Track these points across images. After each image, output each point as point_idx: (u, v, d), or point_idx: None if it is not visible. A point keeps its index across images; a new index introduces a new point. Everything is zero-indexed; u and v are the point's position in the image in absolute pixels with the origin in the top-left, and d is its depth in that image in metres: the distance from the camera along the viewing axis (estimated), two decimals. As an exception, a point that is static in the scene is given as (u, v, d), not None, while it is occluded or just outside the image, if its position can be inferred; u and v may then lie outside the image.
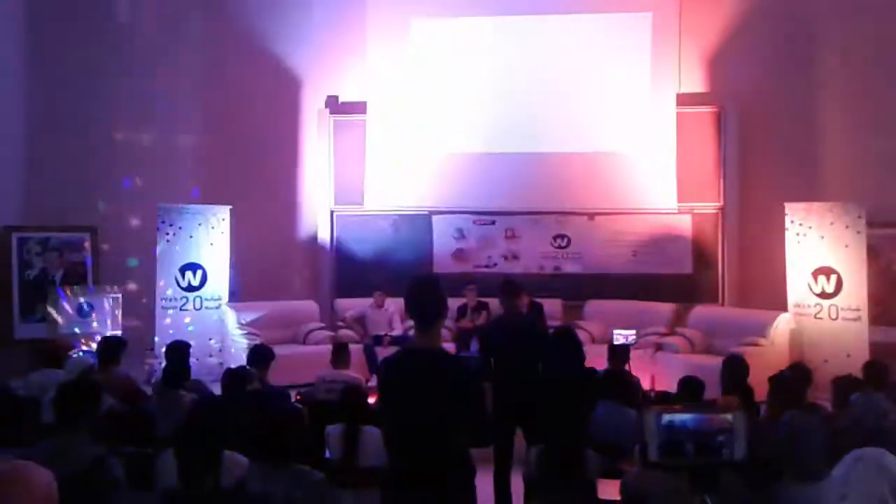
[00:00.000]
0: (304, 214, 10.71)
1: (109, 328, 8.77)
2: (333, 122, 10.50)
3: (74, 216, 9.51)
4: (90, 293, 9.06)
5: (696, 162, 9.93)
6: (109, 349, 5.84)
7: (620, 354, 6.23)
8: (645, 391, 6.29)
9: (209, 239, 9.22)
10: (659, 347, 8.60)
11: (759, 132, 9.77)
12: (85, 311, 8.95)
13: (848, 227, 8.21)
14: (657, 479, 2.97)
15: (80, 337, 8.64)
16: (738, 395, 4.71)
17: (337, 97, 10.60)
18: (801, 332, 8.46)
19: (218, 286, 9.24)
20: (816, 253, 8.43)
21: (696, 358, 8.25)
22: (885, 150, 8.88)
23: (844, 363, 7.88)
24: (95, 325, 8.83)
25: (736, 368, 5.19)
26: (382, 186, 10.39)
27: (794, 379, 4.96)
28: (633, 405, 5.16)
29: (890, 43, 8.86)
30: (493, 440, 3.15)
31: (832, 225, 8.32)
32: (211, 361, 8.92)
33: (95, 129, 9.77)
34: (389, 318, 9.16)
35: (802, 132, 9.53)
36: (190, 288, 9.14)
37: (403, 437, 3.08)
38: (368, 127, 10.38)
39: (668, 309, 9.39)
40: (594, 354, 7.12)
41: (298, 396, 6.27)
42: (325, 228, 10.48)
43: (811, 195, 8.95)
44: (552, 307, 9.30)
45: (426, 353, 3.08)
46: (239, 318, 9.03)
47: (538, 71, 10.19)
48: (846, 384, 4.90)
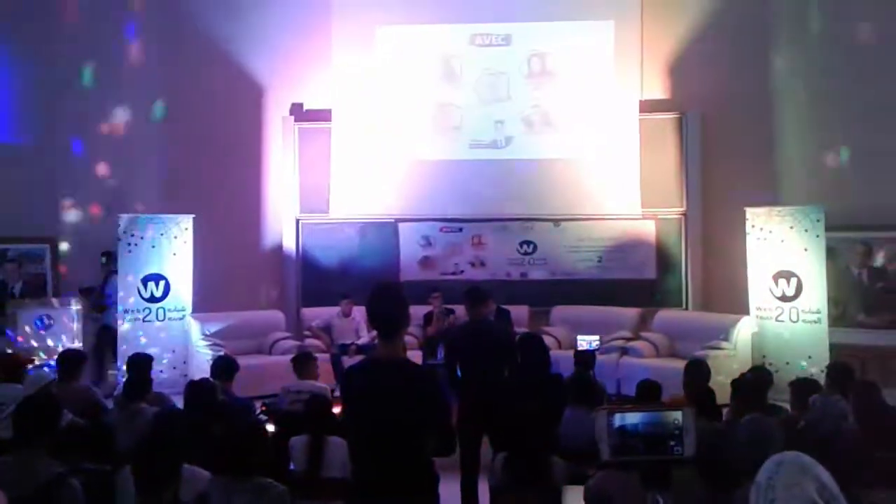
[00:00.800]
0: (268, 223, 10.62)
1: (69, 341, 8.61)
2: (298, 129, 10.45)
3: (33, 227, 9.34)
4: (50, 305, 8.90)
5: (658, 168, 10.05)
6: (69, 363, 5.74)
7: (585, 360, 6.27)
8: (609, 396, 6.33)
9: (172, 249, 9.10)
10: (624, 352, 8.67)
11: (719, 138, 9.93)
12: (44, 324, 8.79)
13: (807, 230, 8.37)
14: (617, 481, 2.99)
15: (38, 351, 8.47)
16: (700, 398, 4.75)
17: (302, 104, 10.55)
18: (762, 334, 8.59)
19: (181, 297, 9.13)
20: (777, 257, 8.57)
21: (660, 362, 8.34)
22: (842, 154, 9.07)
23: (805, 365, 8.03)
24: (56, 338, 8.66)
25: (697, 372, 5.25)
26: (348, 194, 10.36)
27: (755, 382, 5.04)
28: (598, 410, 5.19)
29: (843, 49, 9.05)
30: (455, 449, 3.14)
31: (791, 229, 8.47)
32: (174, 373, 8.80)
33: (54, 138, 9.61)
34: (356, 326, 9.11)
35: (762, 138, 9.69)
36: (153, 299, 9.01)
37: (367, 447, 3.06)
38: (334, 134, 10.35)
39: (633, 314, 9.48)
40: (561, 360, 7.18)
41: (264, 407, 6.21)
42: (290, 237, 10.41)
43: (771, 200, 9.11)
44: (519, 313, 9.33)
45: (389, 362, 3.07)
46: (203, 328, 8.93)
47: (503, 78, 10.25)
48: (804, 386, 4.98)
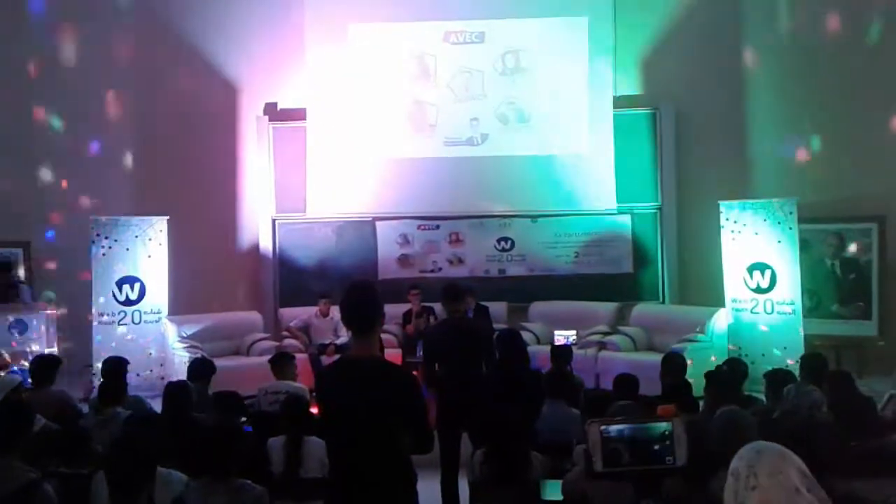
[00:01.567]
0: (244, 223, 10.55)
1: (44, 346, 8.50)
2: (273, 129, 10.38)
3: (6, 231, 9.22)
4: (24, 310, 8.78)
5: (633, 163, 10.11)
6: (43, 368, 5.68)
7: (562, 355, 6.29)
8: (588, 390, 6.36)
9: (147, 251, 9.01)
10: (602, 346, 8.72)
11: (693, 133, 10.00)
12: (18, 328, 8.66)
13: (780, 223, 8.45)
14: (598, 482, 3.01)
15: (11, 356, 8.35)
16: (676, 390, 4.79)
17: (276, 104, 10.48)
18: (738, 326, 8.68)
19: (157, 299, 9.05)
20: (751, 249, 8.65)
21: (638, 356, 8.38)
22: (814, 147, 9.18)
23: (780, 356, 8.13)
24: (30, 343, 8.55)
25: (674, 365, 5.29)
26: (325, 193, 10.32)
27: (729, 373, 5.09)
28: (576, 405, 5.22)
29: (814, 43, 9.17)
30: (433, 446, 3.14)
31: (765, 221, 8.56)
32: (151, 376, 8.73)
33: (24, 141, 9.50)
34: (335, 326, 9.07)
35: (735, 132, 9.80)
36: (128, 302, 8.92)
37: (344, 446, 3.05)
38: (309, 133, 10.30)
39: (610, 308, 9.52)
40: (540, 356, 7.21)
41: (242, 409, 6.17)
42: (266, 237, 10.35)
43: (745, 193, 9.20)
44: (497, 310, 9.35)
45: (363, 361, 3.06)
46: (180, 331, 8.85)
47: (478, 75, 10.25)
48: (779, 377, 5.03)
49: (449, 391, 5.26)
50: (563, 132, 10.18)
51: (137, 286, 8.96)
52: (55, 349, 8.34)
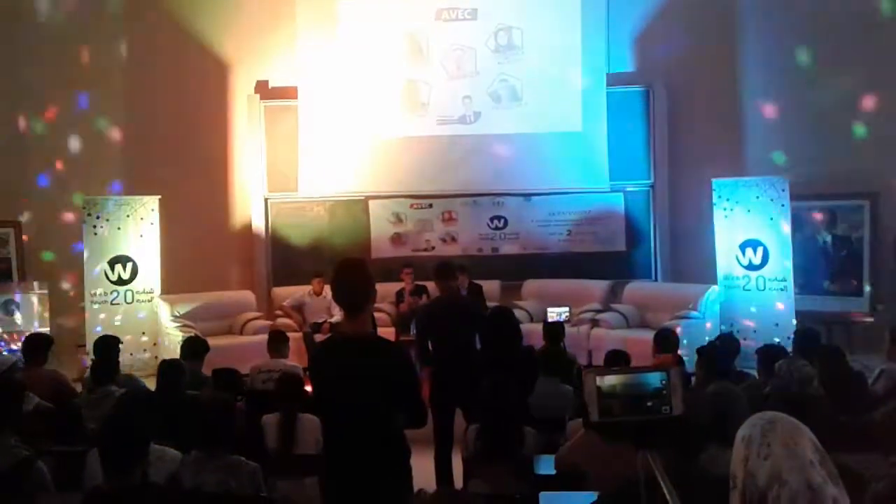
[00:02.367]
0: (236, 203, 10.50)
1: (36, 325, 8.49)
2: (264, 107, 10.31)
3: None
4: (15, 290, 8.76)
5: (626, 141, 10.09)
6: (35, 347, 5.66)
7: (555, 332, 6.30)
8: (581, 367, 6.39)
9: (138, 230, 8.98)
10: (595, 324, 8.74)
11: (686, 110, 9.97)
12: (10, 308, 8.66)
13: (773, 200, 8.47)
14: (585, 450, 3.02)
15: (4, 335, 8.35)
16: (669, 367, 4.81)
17: (267, 82, 10.39)
18: (730, 303, 8.71)
19: (149, 279, 9.02)
20: (743, 226, 8.68)
21: (630, 333, 8.41)
22: (806, 125, 9.17)
23: (772, 332, 8.17)
24: (21, 322, 8.54)
25: (666, 341, 5.32)
26: (317, 172, 10.26)
27: (722, 349, 5.12)
28: (569, 382, 5.25)
29: (808, 19, 9.12)
30: (426, 421, 3.16)
31: (757, 199, 8.57)
32: (144, 356, 8.73)
33: (13, 119, 9.41)
34: (328, 305, 9.06)
35: (728, 109, 9.77)
36: (120, 281, 8.91)
37: (338, 422, 3.06)
38: (300, 112, 10.23)
39: (603, 286, 9.55)
40: (533, 333, 7.22)
41: (236, 387, 6.17)
42: (259, 216, 10.31)
43: (737, 171, 9.20)
44: (491, 288, 9.36)
45: (355, 338, 3.06)
46: (173, 310, 8.84)
47: (470, 53, 10.19)
48: (771, 353, 5.06)
49: (442, 368, 5.28)
50: (555, 110, 10.14)
51: (130, 265, 8.94)
52: (47, 329, 8.33)
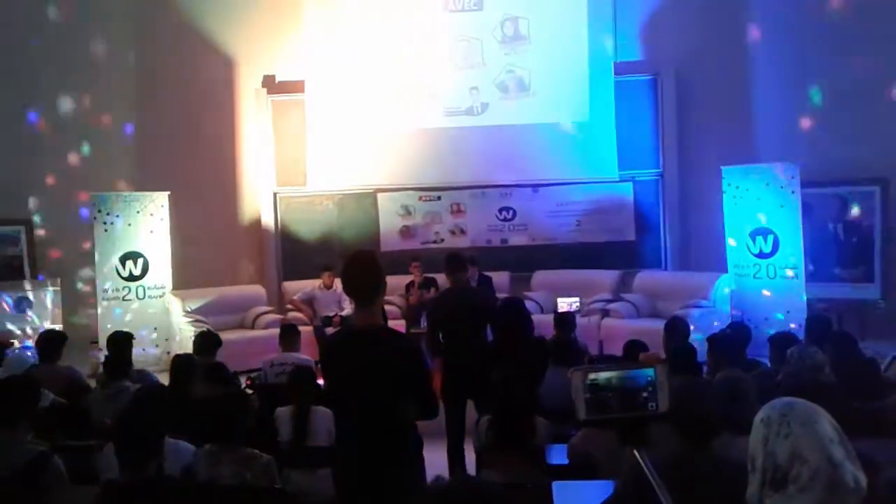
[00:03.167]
0: (245, 197, 10.53)
1: (49, 322, 8.55)
2: (272, 101, 10.32)
3: (7, 208, 9.21)
4: (27, 287, 8.82)
5: (635, 130, 10.05)
6: (49, 344, 5.71)
7: (567, 322, 6.30)
8: (592, 357, 6.39)
9: (149, 226, 9.02)
10: (605, 314, 8.73)
11: (694, 98, 9.93)
12: (23, 306, 8.72)
13: (783, 187, 8.42)
14: (597, 439, 3.03)
15: (18, 333, 8.41)
16: (680, 355, 4.80)
17: (274, 76, 10.40)
18: (740, 291, 8.68)
19: (160, 274, 9.07)
20: (753, 214, 8.63)
21: (641, 322, 8.40)
22: (816, 111, 9.12)
23: (784, 320, 8.14)
24: (35, 320, 8.61)
25: (676, 330, 5.31)
26: (325, 166, 10.28)
27: (733, 337, 5.11)
28: (580, 371, 5.24)
29: (817, 6, 9.06)
30: (438, 412, 3.17)
31: (767, 186, 8.52)
32: (157, 351, 8.78)
33: (23, 117, 9.45)
34: (338, 298, 9.10)
35: (736, 97, 9.72)
36: (132, 277, 8.95)
37: (350, 414, 3.08)
38: (308, 106, 10.24)
39: (613, 276, 9.53)
40: (543, 324, 7.22)
41: (248, 381, 6.21)
42: (268, 211, 10.34)
43: (747, 158, 9.15)
44: (500, 279, 9.36)
45: (366, 331, 3.08)
46: (184, 305, 8.89)
47: (476, 44, 10.16)
48: (783, 341, 5.05)
49: (453, 359, 5.29)
50: (563, 100, 10.11)
51: (141, 261, 8.98)
52: (60, 325, 8.39)
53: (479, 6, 10.17)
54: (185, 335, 8.38)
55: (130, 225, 8.94)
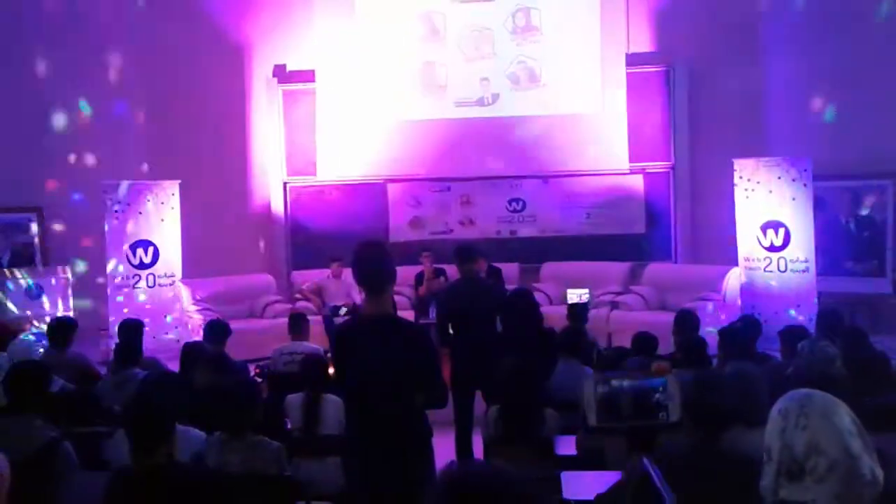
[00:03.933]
0: (256, 187, 10.55)
1: (60, 309, 8.59)
2: (282, 91, 10.33)
3: (19, 196, 9.25)
4: (39, 274, 8.87)
5: (646, 122, 10.01)
6: (60, 330, 5.74)
7: (578, 313, 6.30)
8: (601, 350, 6.38)
9: (159, 215, 9.04)
10: (615, 306, 8.72)
11: (707, 90, 9.87)
12: (34, 292, 8.76)
13: (794, 180, 8.37)
14: (608, 437, 3.03)
15: (30, 319, 8.45)
16: (690, 348, 4.78)
17: (285, 66, 10.40)
18: (751, 285, 8.65)
19: (171, 263, 9.10)
20: (765, 207, 8.59)
21: (650, 315, 8.38)
22: (829, 104, 9.05)
23: (794, 314, 8.11)
24: (46, 306, 8.65)
25: (686, 323, 5.29)
26: (335, 156, 10.28)
27: (743, 331, 5.09)
28: (589, 363, 5.24)
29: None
30: (447, 401, 3.17)
31: (779, 179, 8.47)
32: (167, 339, 8.81)
33: (35, 106, 9.48)
34: (348, 288, 9.10)
35: (749, 89, 9.65)
36: (142, 265, 8.98)
37: (360, 402, 3.09)
38: (318, 95, 10.23)
39: (622, 268, 9.51)
40: (552, 316, 7.21)
41: (258, 370, 6.23)
42: (278, 200, 10.36)
43: (759, 151, 9.10)
44: (509, 271, 9.32)
45: (377, 319, 3.08)
46: (194, 294, 8.92)
47: (487, 34, 10.13)
48: (793, 334, 5.03)
49: (462, 350, 5.29)
50: (574, 91, 10.07)
51: (151, 250, 9.00)
52: (71, 313, 8.43)
53: (491, -4, 10.12)
54: (194, 323, 8.42)
55: (141, 213, 8.97)
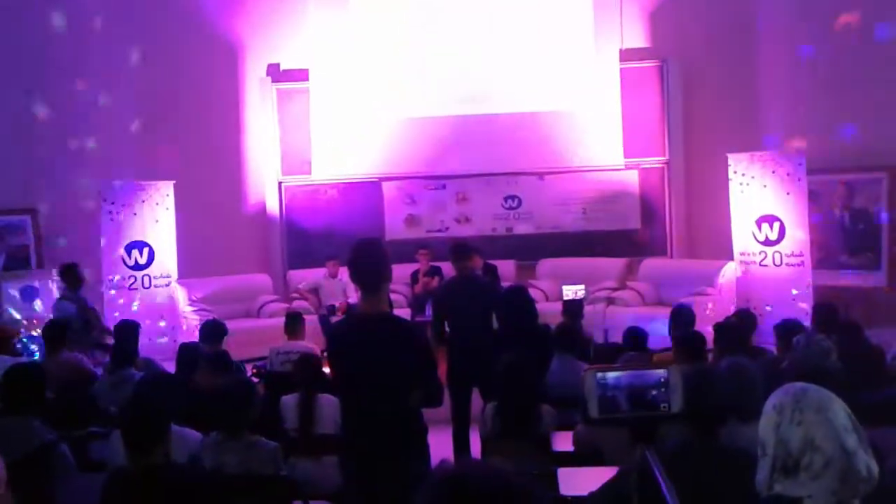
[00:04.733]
0: (251, 186, 10.53)
1: (55, 312, 8.56)
2: (276, 90, 10.30)
3: (13, 198, 9.22)
4: (34, 277, 8.85)
5: (640, 117, 10.01)
6: (55, 333, 5.72)
7: (574, 309, 6.30)
8: (597, 345, 6.39)
9: (154, 216, 9.03)
10: (611, 302, 8.73)
11: (701, 85, 9.88)
12: (29, 295, 8.74)
13: (789, 174, 8.38)
14: (605, 431, 3.03)
15: (24, 322, 8.43)
16: (687, 342, 4.79)
17: (278, 65, 10.38)
18: (746, 279, 8.66)
19: (166, 263, 9.08)
20: (759, 201, 8.60)
21: (646, 310, 8.40)
22: (823, 97, 9.04)
23: (789, 308, 8.12)
24: (40, 309, 8.63)
25: (682, 318, 5.30)
26: (330, 155, 10.27)
27: (738, 325, 5.10)
28: (585, 359, 5.25)
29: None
30: (443, 400, 3.18)
31: (774, 173, 8.49)
32: (164, 340, 8.80)
33: (27, 108, 9.45)
34: (344, 287, 9.10)
35: (743, 83, 9.64)
36: (137, 266, 8.97)
37: (356, 400, 3.09)
38: (312, 94, 10.21)
39: (618, 264, 9.52)
40: (549, 312, 7.22)
41: (254, 370, 6.23)
42: (273, 200, 10.34)
43: (753, 145, 9.11)
44: (505, 268, 9.34)
45: (372, 317, 3.08)
46: (190, 294, 8.91)
47: (482, 31, 10.12)
48: (788, 328, 5.04)
49: (459, 347, 5.30)
50: (568, 87, 10.07)
51: (146, 251, 9.00)
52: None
53: (484, -7, 10.11)
54: (190, 324, 8.41)
55: (136, 214, 8.96)
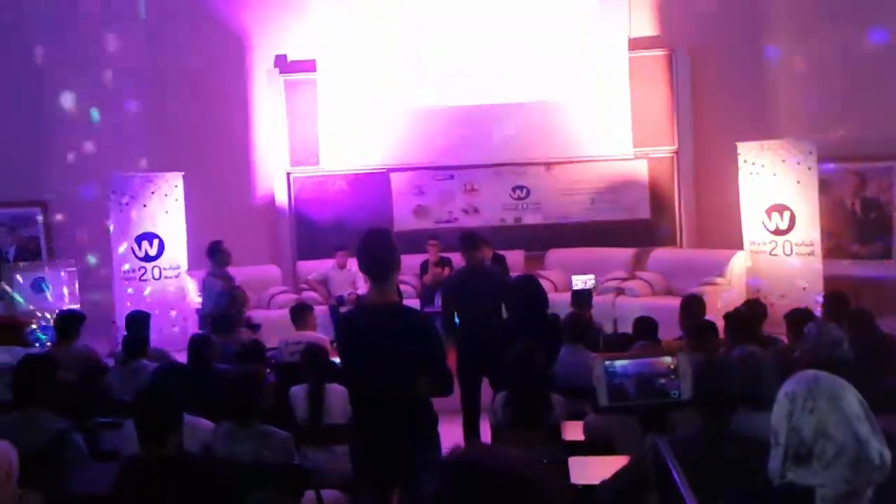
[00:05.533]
0: (259, 178, 10.54)
1: (66, 302, 8.63)
2: (284, 81, 10.29)
3: (24, 191, 9.27)
4: (45, 268, 8.90)
5: (649, 106, 9.96)
6: (66, 323, 5.75)
7: (583, 299, 6.30)
8: (606, 335, 6.38)
9: (164, 207, 9.06)
10: (620, 292, 8.71)
11: (710, 73, 9.81)
12: (40, 286, 8.79)
13: (799, 163, 8.33)
14: (615, 419, 3.03)
15: (36, 313, 8.49)
16: (698, 332, 4.78)
17: (286, 56, 10.37)
18: (756, 268, 8.63)
19: (176, 254, 9.12)
20: (769, 190, 8.56)
21: (656, 300, 8.37)
22: (833, 85, 8.98)
23: (800, 297, 8.09)
24: (52, 300, 8.68)
25: (692, 307, 5.29)
26: (338, 146, 10.26)
27: (749, 315, 5.08)
28: (595, 349, 5.24)
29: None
30: (452, 389, 3.18)
31: (784, 162, 8.44)
32: (174, 331, 8.84)
33: (37, 100, 9.48)
34: (353, 277, 9.12)
35: (752, 71, 9.58)
36: (147, 258, 9.01)
37: (366, 391, 3.10)
38: (320, 85, 10.20)
39: (627, 254, 9.50)
40: (558, 302, 7.21)
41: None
42: (282, 191, 10.35)
43: (763, 133, 9.05)
44: (514, 258, 9.33)
45: (382, 307, 3.08)
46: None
47: (491, 21, 10.07)
48: (799, 317, 5.02)
49: (469, 337, 5.30)
50: (577, 77, 10.02)
51: (156, 242, 9.03)
52: (77, 306, 8.46)
53: (492, -18, 10.06)
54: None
55: (146, 206, 8.99)
